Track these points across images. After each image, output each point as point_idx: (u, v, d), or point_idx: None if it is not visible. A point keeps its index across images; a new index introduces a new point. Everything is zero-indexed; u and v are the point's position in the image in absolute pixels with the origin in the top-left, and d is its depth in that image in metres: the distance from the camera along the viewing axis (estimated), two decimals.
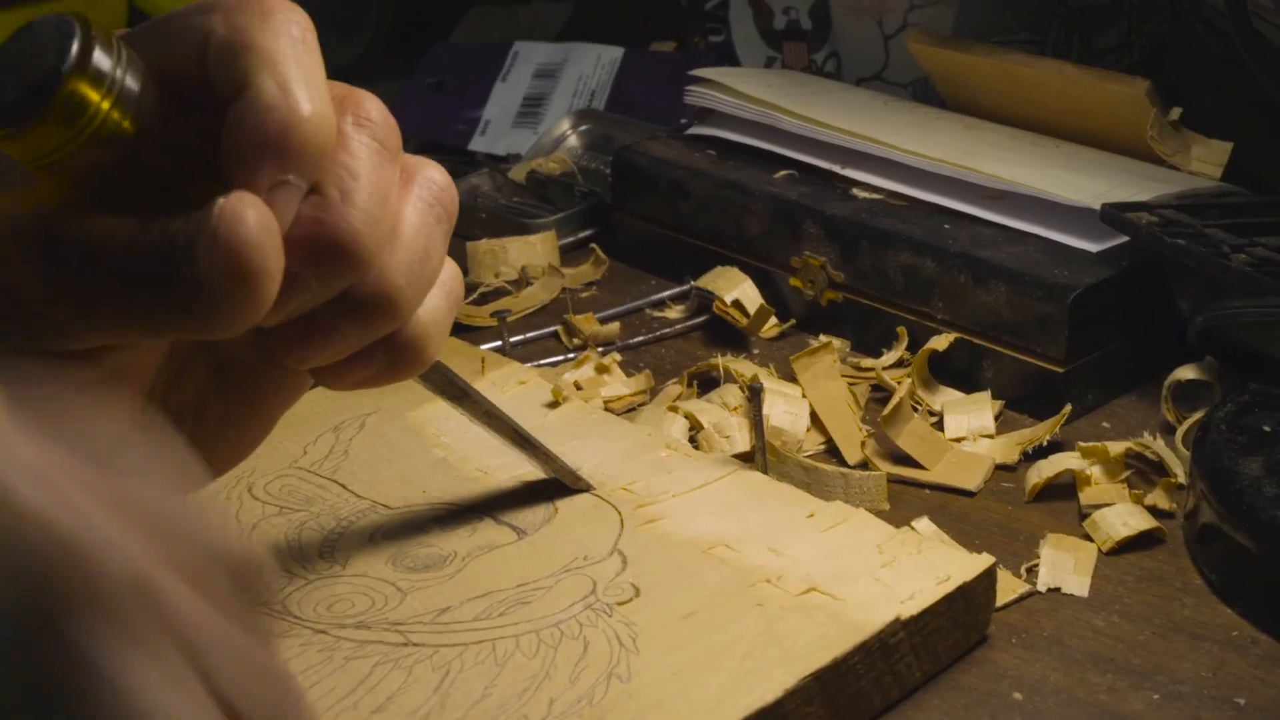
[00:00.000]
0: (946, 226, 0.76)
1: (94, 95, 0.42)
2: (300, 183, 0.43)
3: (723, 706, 0.49)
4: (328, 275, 0.44)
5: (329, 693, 0.51)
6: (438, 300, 0.48)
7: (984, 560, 0.56)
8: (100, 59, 0.42)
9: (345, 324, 0.45)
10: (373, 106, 0.46)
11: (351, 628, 0.54)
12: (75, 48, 0.41)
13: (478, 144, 1.04)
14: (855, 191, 0.81)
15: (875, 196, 0.80)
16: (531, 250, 0.87)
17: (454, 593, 0.56)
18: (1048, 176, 0.76)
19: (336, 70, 1.20)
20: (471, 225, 0.91)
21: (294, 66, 0.43)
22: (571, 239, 0.91)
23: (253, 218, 0.41)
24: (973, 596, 0.56)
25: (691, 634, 0.53)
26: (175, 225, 0.42)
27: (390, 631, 0.54)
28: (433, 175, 0.48)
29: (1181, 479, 0.65)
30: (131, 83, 0.42)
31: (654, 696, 0.50)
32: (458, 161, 1.03)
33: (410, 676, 0.52)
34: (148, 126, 0.43)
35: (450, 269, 0.49)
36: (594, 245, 0.89)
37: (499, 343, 0.78)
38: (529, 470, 0.62)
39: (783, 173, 0.84)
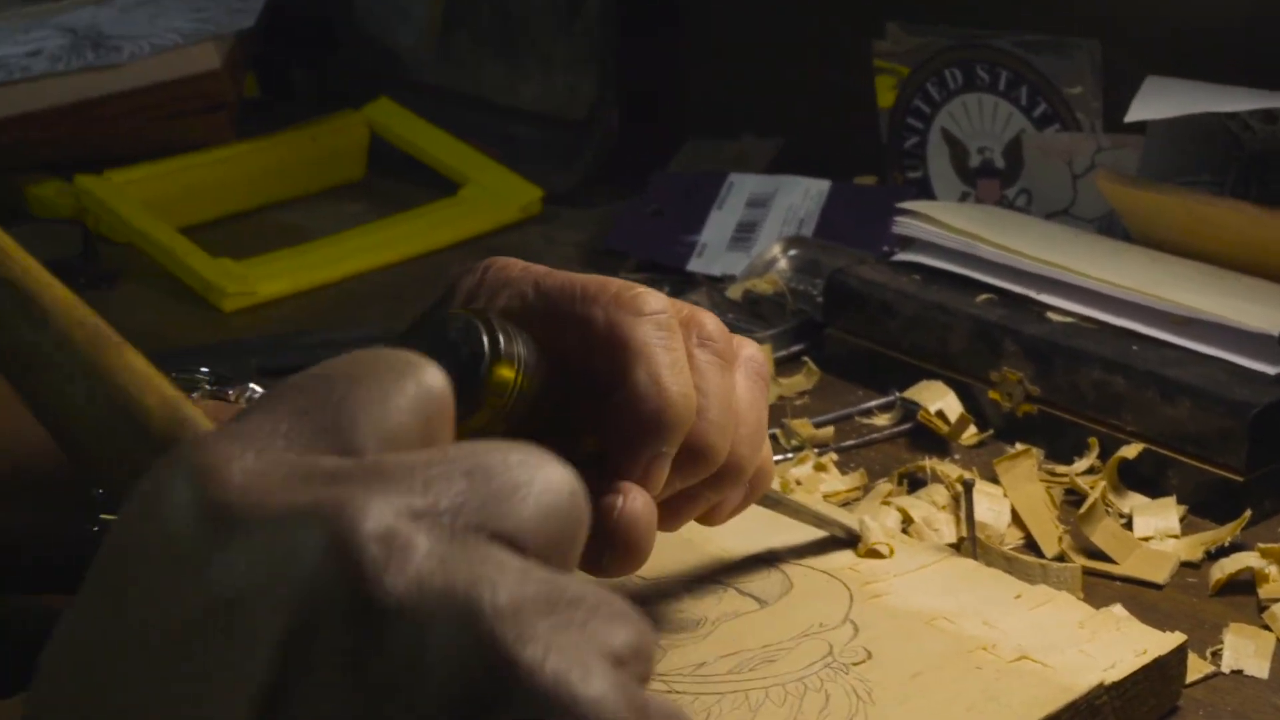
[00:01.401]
0: (1135, 348, 0.83)
1: (509, 374, 0.54)
2: (672, 450, 0.55)
3: None
4: (691, 474, 0.57)
5: None
6: (768, 442, 0.60)
7: (1177, 637, 0.63)
8: (505, 345, 0.54)
9: (708, 493, 0.59)
10: (710, 324, 0.58)
11: None
12: (487, 341, 0.53)
13: (695, 264, 1.13)
14: (1050, 315, 0.88)
15: (1068, 319, 0.87)
16: None
17: (708, 650, 0.63)
18: (1229, 305, 0.83)
19: (558, 193, 1.29)
20: None
21: (662, 356, 0.55)
22: (784, 352, 0.99)
23: (643, 512, 0.55)
24: (1167, 668, 0.62)
25: (919, 690, 0.60)
26: None
27: (655, 681, 0.61)
28: (752, 354, 0.60)
29: None
30: (529, 356, 0.55)
31: None
32: (677, 281, 1.11)
33: None
34: (540, 383, 0.55)
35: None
36: (806, 358, 0.97)
37: None
38: (765, 550, 0.70)
39: (983, 296, 0.91)
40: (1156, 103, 0.93)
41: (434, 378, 0.36)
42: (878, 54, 1.17)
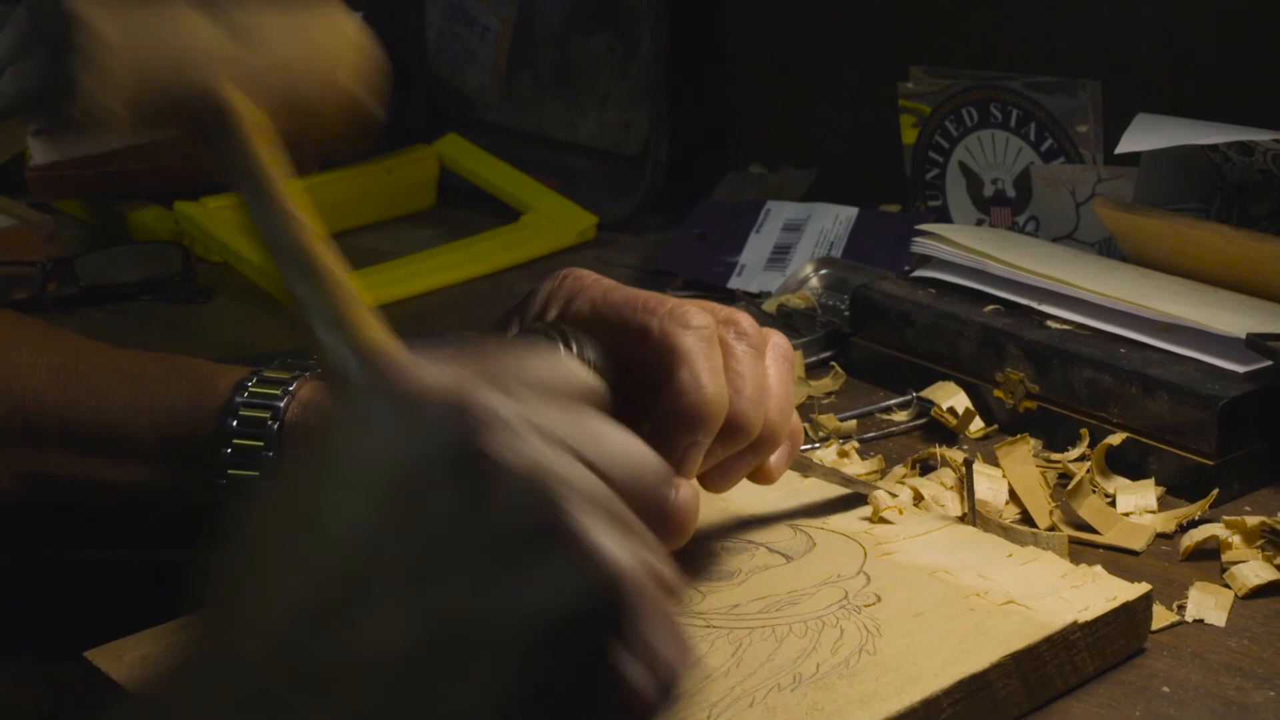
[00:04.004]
0: (1122, 350, 0.92)
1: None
2: (706, 440, 0.65)
3: (945, 672, 0.65)
4: (732, 445, 0.67)
5: None
6: (795, 417, 0.71)
7: (1143, 587, 0.71)
8: (578, 349, 0.65)
9: (750, 457, 0.70)
10: (745, 322, 0.70)
11: None
12: (562, 348, 0.65)
13: (735, 282, 1.22)
14: (1049, 323, 0.97)
15: (1066, 327, 0.96)
16: None
17: (741, 595, 0.72)
18: (1206, 314, 0.91)
19: (614, 221, 1.38)
20: None
21: (703, 361, 0.66)
22: (814, 358, 1.08)
23: (691, 501, 0.64)
24: (1134, 613, 0.71)
25: (920, 627, 0.69)
26: None
27: (696, 619, 0.70)
28: (778, 341, 0.72)
29: None
30: (596, 359, 0.66)
31: (893, 664, 0.66)
32: (718, 297, 1.20)
33: (712, 647, 0.68)
34: (606, 382, 0.65)
35: None
36: (833, 363, 1.06)
37: None
38: (793, 519, 0.79)
39: (990, 307, 1.00)
40: (1144, 136, 1.02)
41: (586, 375, 0.48)
42: (902, 95, 1.26)
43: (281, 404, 0.73)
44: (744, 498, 0.81)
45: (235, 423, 0.73)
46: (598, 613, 0.42)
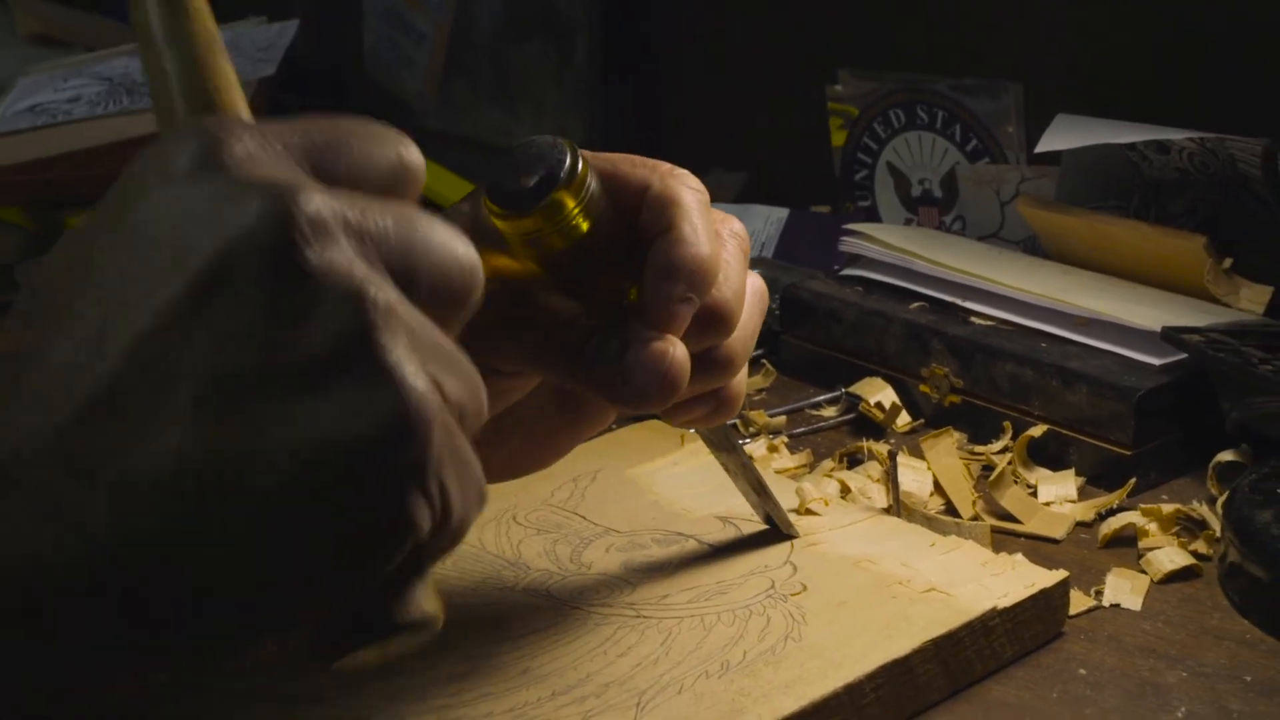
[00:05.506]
0: (1043, 345, 0.93)
1: (572, 202, 0.59)
2: (697, 299, 0.61)
3: (867, 657, 0.66)
4: (707, 334, 0.62)
5: (585, 645, 0.68)
6: (746, 367, 0.67)
7: (1060, 574, 0.73)
8: (583, 176, 0.59)
9: (699, 376, 0.64)
10: (737, 225, 0.66)
11: (599, 606, 0.72)
12: (568, 164, 0.59)
13: None
14: (973, 319, 0.99)
15: (989, 323, 0.98)
16: None
17: (670, 586, 0.73)
18: (1124, 308, 0.93)
19: None
20: None
21: (701, 219, 0.62)
22: None
23: (685, 359, 0.61)
24: (1051, 599, 0.73)
25: (844, 614, 0.70)
26: (611, 339, 0.61)
27: (626, 609, 0.72)
28: (757, 281, 0.68)
29: (1218, 532, 0.81)
30: (596, 196, 0.60)
31: (818, 650, 0.67)
32: None
33: (642, 636, 0.69)
34: (595, 229, 0.61)
35: None
36: (764, 361, 1.07)
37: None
38: (720, 510, 0.80)
39: (916, 304, 1.02)
40: (1064, 136, 1.04)
41: (414, 154, 0.45)
42: (831, 97, 1.27)
43: None
44: (674, 491, 0.83)
45: None
46: (394, 446, 0.39)
